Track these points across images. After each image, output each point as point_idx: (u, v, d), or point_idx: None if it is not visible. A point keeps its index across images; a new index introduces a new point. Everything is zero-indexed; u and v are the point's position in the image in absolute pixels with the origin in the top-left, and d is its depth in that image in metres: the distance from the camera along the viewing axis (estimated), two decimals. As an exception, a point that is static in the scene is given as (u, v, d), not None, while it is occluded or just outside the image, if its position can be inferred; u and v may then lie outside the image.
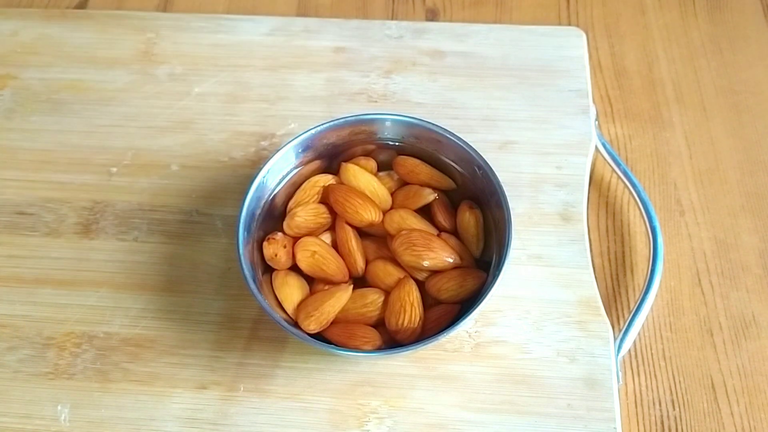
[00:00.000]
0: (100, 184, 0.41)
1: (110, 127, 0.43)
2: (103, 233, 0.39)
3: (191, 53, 0.45)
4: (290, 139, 0.36)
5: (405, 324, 0.33)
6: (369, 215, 0.35)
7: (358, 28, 0.46)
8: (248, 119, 0.42)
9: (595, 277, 0.37)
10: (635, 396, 0.36)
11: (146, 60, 0.45)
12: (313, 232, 0.36)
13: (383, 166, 0.38)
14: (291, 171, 0.36)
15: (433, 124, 0.36)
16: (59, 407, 0.34)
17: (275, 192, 0.36)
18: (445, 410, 0.34)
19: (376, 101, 0.43)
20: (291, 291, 0.34)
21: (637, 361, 0.36)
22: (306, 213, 0.35)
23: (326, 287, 0.34)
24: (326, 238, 0.36)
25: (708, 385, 0.36)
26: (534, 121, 0.42)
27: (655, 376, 0.36)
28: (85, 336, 0.36)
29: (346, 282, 0.34)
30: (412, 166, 0.37)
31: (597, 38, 0.48)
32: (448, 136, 0.36)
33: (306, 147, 0.36)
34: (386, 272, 0.34)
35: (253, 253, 0.34)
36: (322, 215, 0.36)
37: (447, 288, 0.34)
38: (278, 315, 0.32)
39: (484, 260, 0.35)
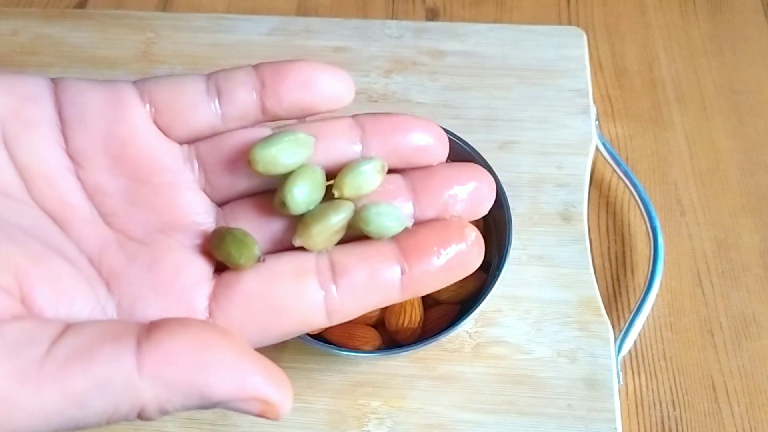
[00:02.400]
0: (99, 184, 0.40)
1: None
2: (103, 233, 0.39)
3: (191, 53, 0.45)
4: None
5: (405, 324, 0.33)
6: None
7: (358, 28, 0.46)
8: (248, 119, 0.42)
9: (596, 277, 0.37)
10: (635, 396, 0.35)
11: (146, 60, 0.45)
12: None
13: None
14: (291, 171, 0.36)
15: (433, 124, 0.36)
16: (58, 408, 0.34)
17: (275, 192, 0.36)
18: (445, 410, 0.33)
19: (376, 101, 0.43)
20: (291, 291, 0.34)
21: (637, 362, 0.36)
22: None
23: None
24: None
25: (709, 385, 0.36)
26: (534, 120, 0.42)
27: (656, 376, 0.36)
28: (84, 336, 0.36)
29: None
30: (412, 166, 0.37)
31: (597, 38, 0.48)
32: (448, 135, 0.36)
33: (306, 147, 0.36)
34: (386, 272, 0.34)
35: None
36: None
37: (447, 288, 0.33)
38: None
39: (484, 260, 0.35)
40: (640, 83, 0.46)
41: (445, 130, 0.36)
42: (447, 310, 0.33)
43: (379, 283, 0.23)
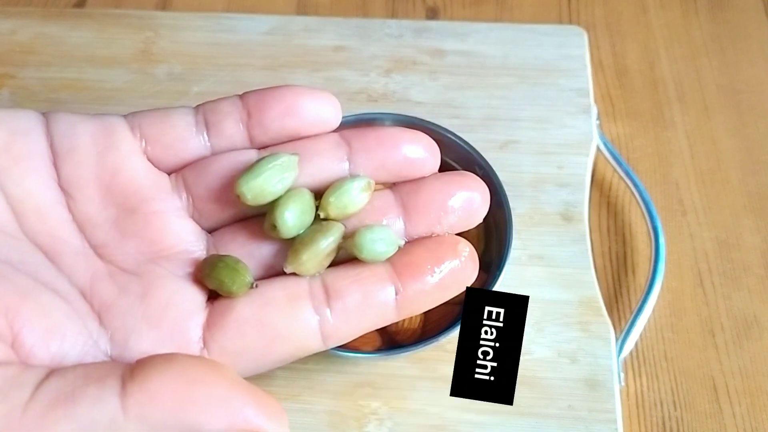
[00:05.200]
0: (98, 183, 0.40)
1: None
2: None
3: (190, 52, 0.45)
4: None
5: (405, 325, 0.32)
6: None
7: (358, 27, 0.46)
8: (247, 118, 0.42)
9: (597, 278, 0.37)
10: (636, 397, 0.35)
11: (145, 59, 0.45)
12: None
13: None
14: (290, 171, 0.36)
15: (433, 124, 0.36)
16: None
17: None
18: (446, 411, 0.33)
19: (376, 100, 0.43)
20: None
21: (638, 362, 0.36)
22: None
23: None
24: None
25: (710, 386, 0.36)
26: (535, 120, 0.42)
27: (657, 377, 0.36)
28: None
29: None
30: (412, 165, 0.37)
31: (598, 37, 0.48)
32: (449, 135, 0.36)
33: (305, 146, 0.36)
34: (386, 273, 0.34)
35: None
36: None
37: (447, 288, 0.33)
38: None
39: (484, 260, 0.35)
40: (641, 83, 0.46)
41: (445, 130, 0.36)
42: (447, 310, 0.33)
43: (373, 304, 0.23)
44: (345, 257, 0.24)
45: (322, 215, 0.23)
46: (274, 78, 0.44)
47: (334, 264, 0.24)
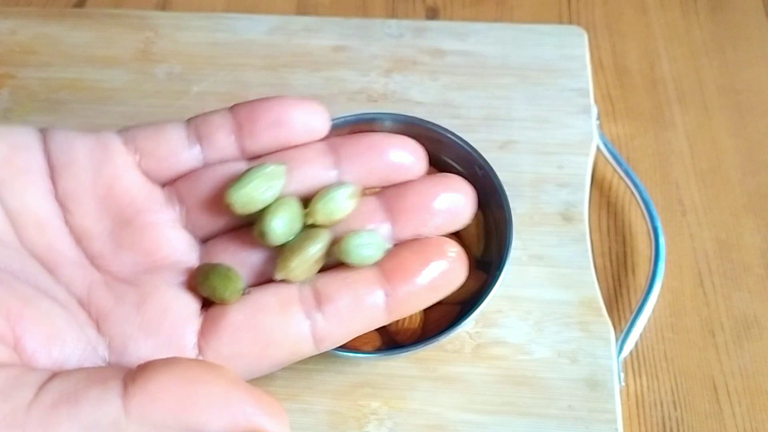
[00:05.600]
0: (98, 183, 0.40)
1: (109, 126, 0.42)
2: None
3: (190, 52, 0.45)
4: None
5: (405, 325, 0.32)
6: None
7: (358, 27, 0.46)
8: (247, 118, 0.42)
9: (597, 278, 0.37)
10: (637, 397, 0.35)
11: (145, 59, 0.45)
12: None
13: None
14: (290, 171, 0.36)
15: (434, 124, 0.36)
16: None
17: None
18: (446, 411, 0.33)
19: (376, 100, 0.43)
20: (290, 292, 0.34)
21: (638, 362, 0.36)
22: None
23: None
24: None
25: (710, 386, 0.36)
26: (535, 120, 0.42)
27: (657, 377, 0.36)
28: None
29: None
30: (412, 165, 0.37)
31: (598, 37, 0.48)
32: (449, 135, 0.36)
33: (305, 146, 0.36)
34: (386, 273, 0.34)
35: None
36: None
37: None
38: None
39: (484, 260, 0.35)
40: (641, 82, 0.46)
41: (445, 130, 0.36)
42: (447, 310, 0.33)
43: (363, 307, 0.23)
44: (335, 263, 0.24)
45: (309, 222, 0.24)
46: (274, 78, 0.44)
47: (324, 269, 0.24)
